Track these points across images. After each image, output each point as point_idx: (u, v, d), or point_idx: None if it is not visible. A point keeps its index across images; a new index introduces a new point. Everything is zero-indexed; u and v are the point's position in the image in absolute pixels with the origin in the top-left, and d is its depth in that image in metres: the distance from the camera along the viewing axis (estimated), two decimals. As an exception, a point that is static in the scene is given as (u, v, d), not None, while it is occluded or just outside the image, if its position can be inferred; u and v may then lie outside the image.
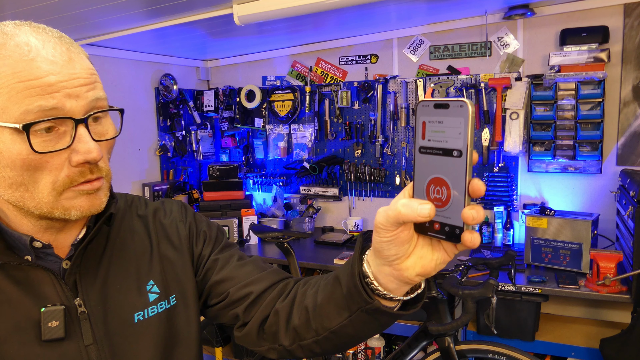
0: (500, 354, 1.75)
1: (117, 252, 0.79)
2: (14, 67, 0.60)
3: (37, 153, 0.62)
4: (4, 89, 0.60)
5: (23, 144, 0.62)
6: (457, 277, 1.64)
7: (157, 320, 0.78)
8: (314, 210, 3.23)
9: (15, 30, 0.63)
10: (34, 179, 0.64)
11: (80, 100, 0.64)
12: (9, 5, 1.88)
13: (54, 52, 0.63)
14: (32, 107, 0.61)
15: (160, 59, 3.18)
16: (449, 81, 2.82)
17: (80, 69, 0.65)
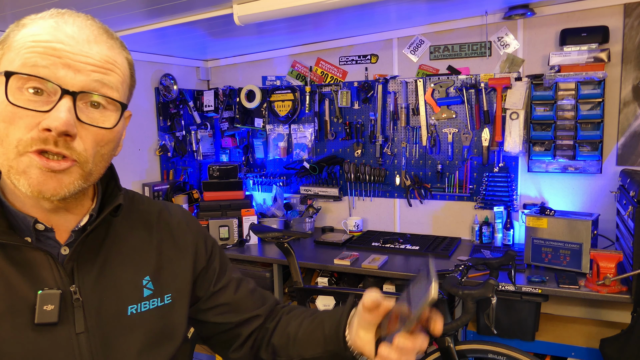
0: (500, 354, 1.75)
1: (117, 244, 0.78)
2: (36, 31, 0.64)
3: (10, 103, 0.62)
4: (20, 44, 0.64)
5: (6, 92, 0.62)
6: (457, 277, 1.64)
7: (150, 316, 0.79)
8: (314, 210, 3.23)
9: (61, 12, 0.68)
10: (6, 133, 0.64)
11: (79, 75, 0.65)
12: (9, 5, 1.88)
13: (77, 30, 0.66)
14: (28, 62, 0.63)
15: (160, 59, 3.18)
16: (449, 81, 2.82)
17: (97, 52, 0.67)
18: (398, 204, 3.10)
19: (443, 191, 2.94)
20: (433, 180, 2.96)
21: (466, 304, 1.52)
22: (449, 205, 2.95)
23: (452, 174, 2.90)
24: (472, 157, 2.84)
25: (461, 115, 2.83)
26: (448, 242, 2.80)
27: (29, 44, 0.63)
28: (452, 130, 2.86)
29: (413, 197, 3.01)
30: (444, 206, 2.96)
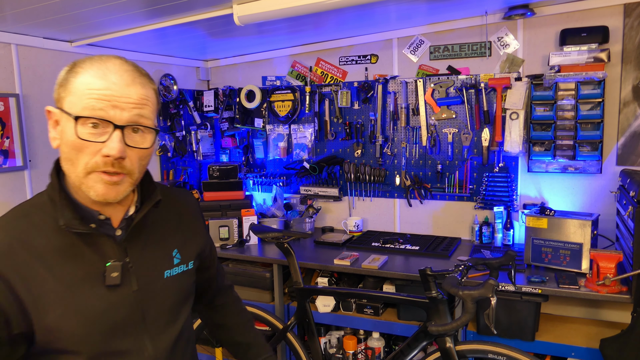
0: (500, 354, 1.75)
1: (154, 227, 1.06)
2: (90, 80, 0.88)
3: (78, 138, 0.88)
4: (79, 92, 0.88)
5: (74, 131, 0.88)
6: (457, 277, 1.64)
7: (179, 277, 1.09)
8: (314, 210, 3.23)
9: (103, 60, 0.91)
10: (77, 157, 0.89)
11: (124, 113, 0.89)
12: (9, 5, 1.88)
13: (119, 77, 0.90)
14: (87, 106, 0.87)
15: (160, 59, 3.18)
16: (449, 81, 2.82)
17: (134, 93, 0.91)
18: (398, 204, 3.10)
19: (443, 191, 2.94)
20: (433, 180, 2.96)
21: (466, 304, 1.51)
22: (449, 205, 2.95)
23: (452, 174, 2.90)
24: (472, 157, 2.84)
25: (461, 115, 2.83)
26: (448, 242, 2.80)
27: (86, 92, 0.88)
28: (452, 130, 2.86)
29: (413, 197, 3.01)
30: (444, 206, 2.97)
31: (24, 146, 2.35)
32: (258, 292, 2.75)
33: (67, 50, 2.56)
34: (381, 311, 2.54)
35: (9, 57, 2.31)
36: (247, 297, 2.77)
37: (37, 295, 0.88)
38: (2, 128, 2.27)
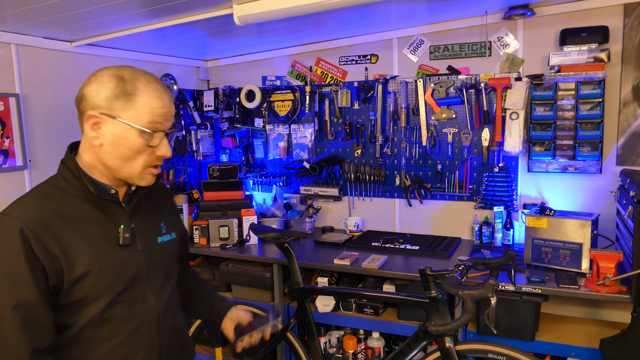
0: (500, 354, 1.75)
1: (148, 202, 1.31)
2: (152, 100, 1.14)
3: (145, 146, 1.15)
4: (144, 109, 1.13)
5: (141, 139, 1.14)
6: (457, 277, 1.64)
7: (168, 245, 1.33)
8: (314, 210, 3.23)
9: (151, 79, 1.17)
10: (136, 158, 1.16)
11: (168, 123, 1.19)
12: (9, 5, 1.88)
13: (167, 97, 1.18)
14: (152, 121, 1.14)
15: (160, 59, 3.18)
16: (449, 81, 2.82)
17: (172, 107, 1.20)
18: (398, 204, 3.10)
19: (443, 191, 2.94)
20: (433, 180, 2.96)
21: (466, 304, 1.51)
22: (449, 205, 2.95)
23: (452, 174, 2.90)
24: (472, 157, 2.84)
25: (461, 115, 2.83)
26: (448, 242, 2.80)
27: (150, 110, 1.13)
28: (452, 130, 2.86)
29: (413, 197, 3.02)
30: (444, 206, 2.97)
31: (24, 146, 2.35)
32: (258, 292, 2.75)
33: (67, 50, 2.56)
34: (381, 311, 2.54)
35: (9, 57, 2.31)
36: (247, 297, 2.77)
37: (67, 253, 1.08)
38: (2, 128, 2.27)
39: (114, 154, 1.14)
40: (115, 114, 1.12)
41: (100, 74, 1.13)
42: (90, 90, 1.12)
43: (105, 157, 1.16)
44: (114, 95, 1.11)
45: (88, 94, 1.13)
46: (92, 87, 1.12)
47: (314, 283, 2.76)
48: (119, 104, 1.11)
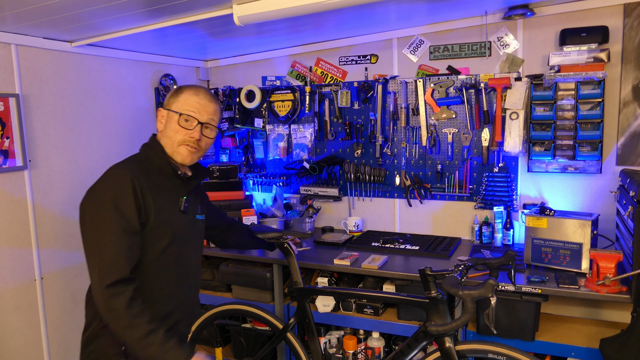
0: (500, 354, 1.75)
1: (193, 190, 1.73)
2: (189, 96, 1.61)
3: (179, 126, 1.58)
4: (182, 101, 1.59)
5: (178, 121, 1.58)
6: (456, 277, 1.64)
7: (201, 222, 1.78)
8: (314, 210, 3.23)
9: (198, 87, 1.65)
10: (175, 135, 1.58)
11: (204, 115, 1.61)
12: (9, 5, 1.88)
13: (203, 96, 1.63)
14: (186, 108, 1.59)
15: (160, 59, 3.18)
16: (449, 81, 2.82)
17: (210, 107, 1.63)
18: (398, 204, 3.10)
19: (443, 191, 2.94)
20: (433, 180, 2.96)
21: (466, 304, 1.52)
22: (449, 205, 2.95)
23: (452, 174, 2.90)
24: (472, 157, 2.84)
25: (461, 115, 2.83)
26: (448, 242, 2.80)
27: (186, 101, 1.60)
28: (452, 130, 2.86)
29: (413, 197, 3.02)
30: (444, 206, 2.97)
31: (24, 146, 2.35)
32: (258, 292, 2.75)
33: (67, 50, 2.56)
34: (381, 311, 2.54)
35: (9, 57, 2.31)
36: (247, 297, 2.77)
37: (150, 203, 1.49)
38: (2, 128, 2.27)
39: (165, 135, 1.60)
40: (168, 107, 1.62)
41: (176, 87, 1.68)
42: (166, 98, 1.66)
43: (162, 139, 1.61)
44: (170, 96, 1.63)
45: (165, 99, 1.66)
46: (167, 95, 1.66)
47: (314, 283, 2.76)
48: (171, 100, 1.62)
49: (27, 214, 2.40)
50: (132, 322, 1.37)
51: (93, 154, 2.74)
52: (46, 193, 2.49)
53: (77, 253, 2.66)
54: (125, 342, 1.42)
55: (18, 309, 2.37)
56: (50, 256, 2.51)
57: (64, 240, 2.59)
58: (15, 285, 2.35)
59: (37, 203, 2.44)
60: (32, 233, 2.42)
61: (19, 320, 2.37)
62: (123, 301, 1.37)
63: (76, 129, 2.65)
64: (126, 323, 1.37)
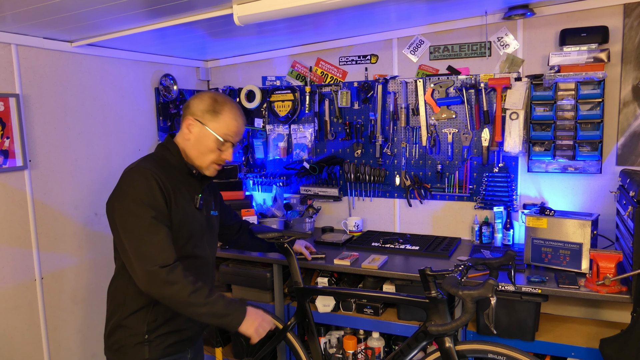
0: (500, 354, 1.75)
1: (207, 187, 1.82)
2: (231, 121, 1.66)
3: (217, 149, 1.66)
4: (224, 125, 1.65)
5: (215, 143, 1.65)
6: (456, 277, 1.64)
7: (215, 218, 1.84)
8: (314, 210, 3.23)
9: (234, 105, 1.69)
10: (209, 155, 1.66)
11: (237, 138, 1.70)
12: (9, 5, 1.88)
13: (242, 121, 1.71)
14: (228, 134, 1.66)
15: (160, 59, 3.18)
16: (449, 81, 2.83)
17: (243, 129, 1.73)
18: (398, 204, 3.10)
19: (443, 191, 2.94)
20: (433, 180, 2.96)
21: (466, 304, 1.52)
22: (449, 205, 2.95)
23: (452, 174, 2.90)
24: (472, 157, 2.84)
25: (461, 116, 2.83)
26: (448, 242, 2.80)
27: (228, 127, 1.66)
28: (452, 131, 2.86)
29: (413, 197, 3.02)
30: (443, 206, 2.97)
31: (24, 146, 2.35)
32: (258, 292, 2.75)
33: (67, 50, 2.56)
34: (381, 311, 2.54)
35: (9, 57, 2.31)
36: (247, 297, 2.77)
37: (171, 202, 1.57)
38: (2, 128, 2.27)
39: (195, 148, 1.65)
40: (204, 122, 1.64)
41: (203, 94, 1.68)
42: (194, 103, 1.65)
43: (189, 149, 1.67)
44: (207, 110, 1.63)
45: (192, 105, 1.66)
46: (196, 101, 1.65)
47: (314, 283, 2.76)
48: (208, 116, 1.63)
49: (27, 214, 2.40)
50: (195, 287, 1.49)
51: (93, 154, 2.74)
52: (46, 193, 2.49)
53: (77, 253, 2.66)
54: (191, 307, 1.50)
55: (18, 309, 2.37)
56: (50, 256, 2.51)
57: (64, 240, 2.59)
58: (15, 285, 2.35)
59: (37, 203, 2.44)
60: (32, 233, 2.42)
61: (19, 320, 2.37)
62: (180, 273, 1.49)
63: (76, 129, 2.65)
64: (191, 289, 1.48)
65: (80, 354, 2.69)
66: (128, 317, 1.61)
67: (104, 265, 2.79)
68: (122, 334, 1.62)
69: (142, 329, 1.60)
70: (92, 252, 2.75)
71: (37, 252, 2.44)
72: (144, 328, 1.61)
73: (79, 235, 2.67)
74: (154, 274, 1.47)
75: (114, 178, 2.94)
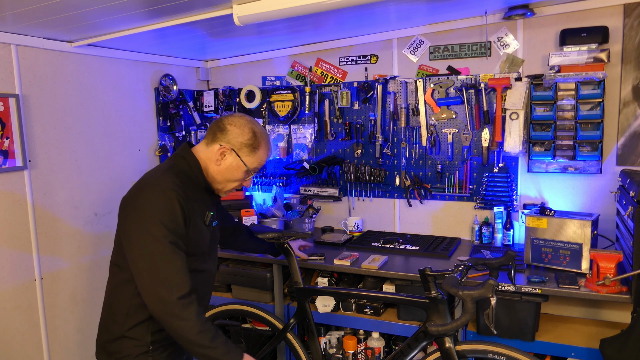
0: (500, 354, 1.75)
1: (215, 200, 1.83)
2: (263, 155, 1.71)
3: (243, 177, 1.71)
4: (256, 159, 1.68)
5: (243, 174, 1.70)
6: (457, 277, 1.64)
7: (216, 228, 1.83)
8: (314, 210, 3.23)
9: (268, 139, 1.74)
10: (234, 181, 1.71)
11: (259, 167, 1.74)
12: (9, 5, 1.88)
13: (270, 151, 1.76)
14: (256, 166, 1.71)
15: (160, 59, 3.18)
16: (449, 81, 2.82)
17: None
18: (398, 204, 3.10)
19: (443, 191, 2.94)
20: (433, 181, 2.96)
21: (466, 304, 1.51)
22: (449, 205, 2.95)
23: (452, 174, 2.90)
24: (472, 157, 2.84)
25: (461, 116, 2.83)
26: (448, 242, 2.80)
27: (259, 160, 1.70)
28: (452, 131, 2.86)
29: (413, 197, 3.02)
30: (443, 206, 2.97)
31: (23, 146, 2.35)
32: (258, 292, 2.75)
33: (67, 50, 2.56)
34: (381, 311, 2.54)
35: (9, 57, 2.31)
36: (247, 297, 2.77)
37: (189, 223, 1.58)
38: (2, 128, 2.27)
39: (223, 174, 1.67)
40: (240, 155, 1.65)
41: (243, 124, 1.65)
42: (233, 133, 1.64)
43: (214, 172, 1.67)
44: (246, 144, 1.65)
45: (230, 133, 1.64)
46: (236, 132, 1.64)
47: (313, 283, 2.76)
48: (245, 151, 1.65)
49: (27, 214, 2.40)
50: (203, 328, 1.47)
51: (93, 154, 2.74)
52: (46, 193, 2.49)
53: (76, 253, 2.66)
54: (192, 345, 1.47)
55: (18, 309, 2.37)
56: (50, 256, 2.51)
57: (64, 240, 2.59)
58: (15, 286, 2.35)
59: (37, 203, 2.44)
60: (32, 233, 2.42)
61: (19, 321, 2.37)
62: (194, 310, 1.47)
63: (76, 129, 2.65)
64: (199, 328, 1.46)
65: (80, 354, 2.69)
66: (133, 329, 1.59)
67: (103, 265, 2.79)
68: (126, 345, 1.60)
69: (147, 339, 1.60)
70: (92, 252, 2.75)
71: (36, 252, 2.44)
72: (148, 338, 1.60)
73: (78, 235, 2.67)
74: (168, 304, 1.44)
75: (114, 178, 2.94)
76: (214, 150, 1.64)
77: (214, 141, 1.65)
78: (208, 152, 1.66)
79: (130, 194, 1.58)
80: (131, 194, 1.57)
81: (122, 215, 1.56)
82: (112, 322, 1.63)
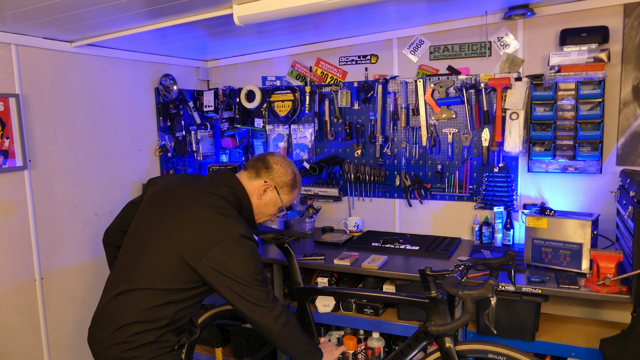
0: (500, 354, 1.75)
1: None
2: (296, 196, 1.89)
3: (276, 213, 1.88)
4: (291, 198, 1.86)
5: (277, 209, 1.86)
6: (457, 277, 1.64)
7: None
8: (314, 210, 3.23)
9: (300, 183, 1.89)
10: (267, 214, 1.84)
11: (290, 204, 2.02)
12: (9, 5, 1.88)
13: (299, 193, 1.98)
14: (288, 204, 1.88)
15: (160, 59, 3.18)
16: (449, 81, 2.82)
17: None
18: (398, 204, 3.10)
19: (443, 191, 2.94)
20: (433, 181, 2.96)
21: (466, 304, 1.51)
22: (449, 205, 2.95)
23: (452, 174, 2.90)
24: (472, 157, 2.84)
25: (461, 116, 2.83)
26: (448, 242, 2.80)
27: (292, 199, 1.87)
28: (452, 131, 2.86)
29: (413, 197, 3.02)
30: (444, 206, 2.97)
31: (23, 146, 2.35)
32: (258, 292, 2.74)
33: (67, 50, 2.56)
34: (381, 311, 2.54)
35: (9, 57, 2.31)
36: (247, 297, 2.77)
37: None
38: (2, 128, 2.27)
39: (261, 207, 1.80)
40: (280, 193, 1.80)
41: (287, 165, 1.81)
42: (279, 172, 1.78)
43: (254, 204, 1.78)
44: (286, 184, 1.80)
45: (276, 172, 1.78)
46: (281, 172, 1.78)
47: (314, 283, 2.76)
48: (285, 189, 1.80)
49: (27, 214, 2.40)
50: (301, 337, 1.72)
51: (93, 154, 2.74)
52: (46, 193, 2.49)
53: (76, 253, 2.66)
54: (304, 355, 1.72)
55: (18, 309, 2.37)
56: (50, 256, 2.51)
57: (64, 240, 2.59)
58: (15, 286, 2.35)
59: (37, 203, 2.44)
60: (32, 233, 2.42)
61: (19, 320, 2.37)
62: (292, 319, 1.68)
63: (76, 129, 2.65)
64: (296, 339, 1.68)
65: (80, 354, 2.69)
66: (166, 333, 1.62)
67: (103, 265, 2.79)
68: (155, 347, 1.59)
69: (174, 339, 1.66)
70: (92, 252, 2.75)
71: (37, 252, 2.44)
72: (175, 338, 1.67)
73: (78, 235, 2.67)
74: (272, 322, 1.61)
75: (114, 178, 2.94)
76: (257, 185, 1.77)
77: (258, 176, 1.77)
78: (251, 186, 1.77)
79: (215, 246, 1.55)
80: (220, 248, 1.55)
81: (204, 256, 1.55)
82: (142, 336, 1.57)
